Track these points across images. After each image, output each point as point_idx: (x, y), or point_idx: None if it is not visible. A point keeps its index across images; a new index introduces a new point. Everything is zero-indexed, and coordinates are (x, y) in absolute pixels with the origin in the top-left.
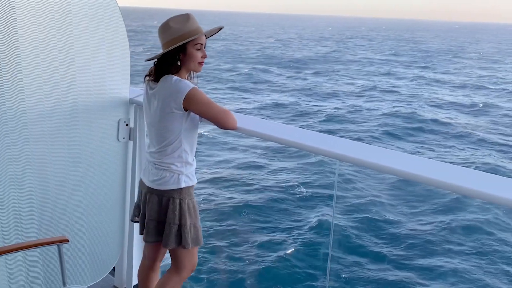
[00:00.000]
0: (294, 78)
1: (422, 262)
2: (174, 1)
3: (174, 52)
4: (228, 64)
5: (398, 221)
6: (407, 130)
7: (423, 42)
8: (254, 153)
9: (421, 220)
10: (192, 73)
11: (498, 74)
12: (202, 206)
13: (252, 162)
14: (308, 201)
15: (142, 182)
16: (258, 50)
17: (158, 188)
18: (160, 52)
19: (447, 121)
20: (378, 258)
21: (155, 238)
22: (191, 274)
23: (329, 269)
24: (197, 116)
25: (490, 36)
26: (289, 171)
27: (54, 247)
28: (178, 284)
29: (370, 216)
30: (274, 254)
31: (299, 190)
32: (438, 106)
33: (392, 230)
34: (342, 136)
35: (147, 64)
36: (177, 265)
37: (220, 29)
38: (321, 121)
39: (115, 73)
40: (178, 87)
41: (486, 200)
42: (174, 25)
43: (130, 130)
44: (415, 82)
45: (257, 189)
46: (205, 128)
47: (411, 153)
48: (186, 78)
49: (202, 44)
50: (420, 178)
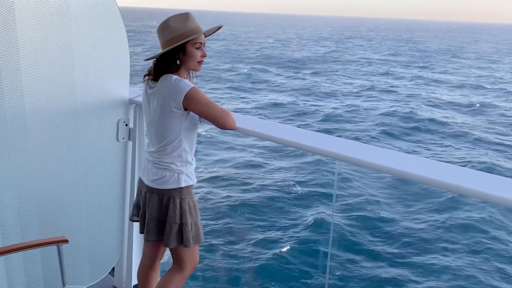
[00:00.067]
0: (293, 78)
1: (416, 259)
2: (173, 1)
3: (174, 51)
4: (227, 64)
5: (393, 219)
6: (405, 130)
7: (422, 42)
8: (252, 152)
9: (416, 218)
10: (191, 72)
11: (496, 74)
12: (198, 205)
13: (249, 161)
14: (304, 199)
15: (141, 181)
16: (257, 50)
17: (158, 187)
18: (159, 51)
19: (445, 120)
20: (373, 256)
21: (156, 237)
22: (193, 271)
23: (328, 267)
24: (196, 115)
25: (489, 36)
26: (286, 170)
27: (54, 247)
28: (181, 282)
29: (366, 214)
30: (270, 252)
31: (296, 189)
32: (435, 106)
33: (387, 228)
34: (340, 135)
35: (146, 64)
36: (179, 263)
37: (219, 28)
38: (319, 120)
39: (115, 73)
40: (177, 86)
41: (483, 199)
42: (173, 24)
43: (129, 130)
44: (413, 82)
45: (254, 188)
46: (202, 127)
47: (408, 152)
48: (185, 77)
49: (201, 43)
50: (418, 178)
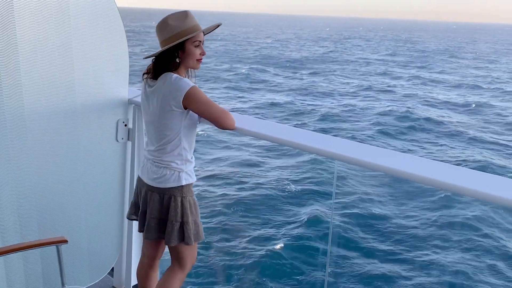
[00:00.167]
0: (291, 78)
1: (407, 256)
2: (172, 1)
3: (173, 49)
4: (225, 64)
5: (386, 216)
6: (401, 129)
7: (420, 43)
8: (247, 151)
9: (409, 216)
10: (190, 70)
11: (493, 74)
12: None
13: (245, 160)
14: (299, 198)
15: (141, 180)
16: (256, 51)
17: (159, 186)
18: (158, 49)
19: (440, 120)
20: (366, 252)
21: (156, 235)
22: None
23: (328, 265)
24: (196, 114)
25: (488, 36)
26: (282, 169)
27: (53, 247)
28: (182, 280)
29: (360, 212)
30: (264, 249)
31: (291, 187)
32: (432, 105)
33: (381, 226)
34: (336, 134)
35: (145, 64)
36: (179, 261)
37: (218, 26)
38: (316, 120)
39: (114, 73)
40: (178, 85)
41: (478, 198)
42: (172, 22)
43: (128, 131)
44: (411, 82)
45: (249, 186)
46: (199, 126)
47: (403, 151)
48: (184, 76)
49: (200, 41)
50: (415, 177)
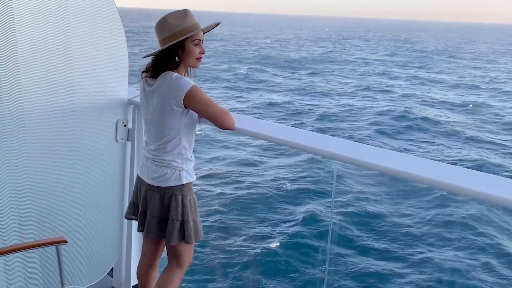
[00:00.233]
0: (289, 78)
1: (401, 254)
2: (171, 2)
3: (173, 48)
4: (224, 64)
5: (382, 214)
6: (398, 129)
7: (419, 43)
8: (245, 150)
9: (405, 214)
10: (189, 69)
11: (491, 74)
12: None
13: (243, 159)
14: (297, 197)
15: (140, 179)
16: (255, 51)
17: (159, 185)
18: (158, 48)
19: (438, 119)
20: (361, 250)
21: (156, 234)
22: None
23: (327, 264)
24: (195, 113)
25: (487, 36)
26: (279, 168)
27: (52, 248)
28: (180, 278)
29: (355, 210)
30: (260, 246)
31: (287, 186)
32: (429, 105)
33: (376, 224)
34: (333, 134)
35: (144, 65)
36: (177, 260)
37: (217, 24)
38: (314, 120)
39: (114, 73)
40: (178, 84)
41: (476, 198)
42: (172, 21)
43: (128, 131)
44: (409, 82)
45: (246, 185)
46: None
47: (400, 150)
48: (183, 75)
49: (200, 39)
50: (413, 177)
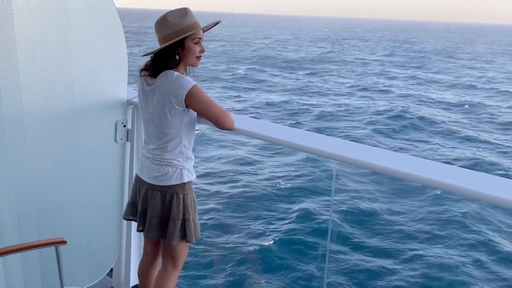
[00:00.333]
0: (288, 78)
1: (395, 251)
2: (171, 2)
3: (173, 46)
4: (223, 64)
5: (376, 212)
6: (394, 128)
7: (418, 43)
8: (241, 149)
9: (399, 212)
10: (188, 68)
11: (489, 74)
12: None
13: (240, 158)
14: (292, 195)
15: (140, 179)
16: (253, 51)
17: (160, 184)
18: (157, 47)
19: (434, 119)
20: (354, 247)
21: (157, 234)
22: None
23: (327, 262)
24: (194, 111)
25: (486, 37)
26: (276, 167)
27: (52, 248)
28: (176, 278)
29: (349, 209)
30: (254, 243)
31: (283, 185)
32: (427, 105)
33: (371, 222)
34: (329, 134)
35: (143, 65)
36: (173, 260)
37: (217, 23)
38: (311, 119)
39: (113, 73)
40: (180, 83)
41: (477, 198)
42: (172, 19)
43: (127, 131)
44: (406, 82)
45: (242, 184)
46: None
47: (395, 150)
48: (183, 74)
49: (200, 38)
50: (411, 177)
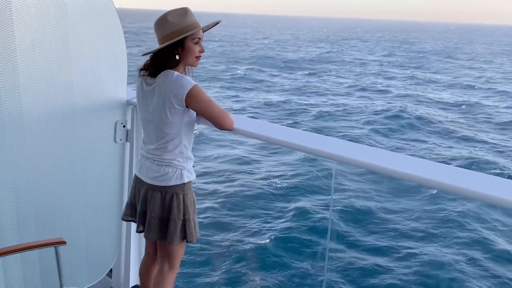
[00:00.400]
0: (286, 78)
1: (391, 249)
2: (171, 2)
3: (172, 46)
4: (222, 64)
5: (371, 211)
6: (392, 128)
7: (417, 43)
8: (237, 148)
9: (394, 210)
10: (187, 68)
11: (487, 74)
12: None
13: (238, 158)
14: (290, 194)
15: (139, 179)
16: (252, 51)
17: (161, 184)
18: (157, 46)
19: (432, 119)
20: (350, 245)
21: (157, 235)
22: None
23: (327, 261)
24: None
25: (485, 37)
26: (274, 166)
27: (51, 249)
28: (174, 279)
29: (345, 207)
30: (251, 242)
31: (281, 184)
32: (425, 105)
33: (366, 220)
34: (328, 134)
35: (141, 64)
36: (170, 260)
37: (217, 23)
38: (310, 119)
39: (112, 73)
40: (180, 83)
41: (476, 198)
42: (172, 19)
43: (127, 132)
44: (405, 82)
45: (239, 183)
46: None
47: (392, 150)
48: (182, 73)
49: (200, 38)
50: (410, 176)
